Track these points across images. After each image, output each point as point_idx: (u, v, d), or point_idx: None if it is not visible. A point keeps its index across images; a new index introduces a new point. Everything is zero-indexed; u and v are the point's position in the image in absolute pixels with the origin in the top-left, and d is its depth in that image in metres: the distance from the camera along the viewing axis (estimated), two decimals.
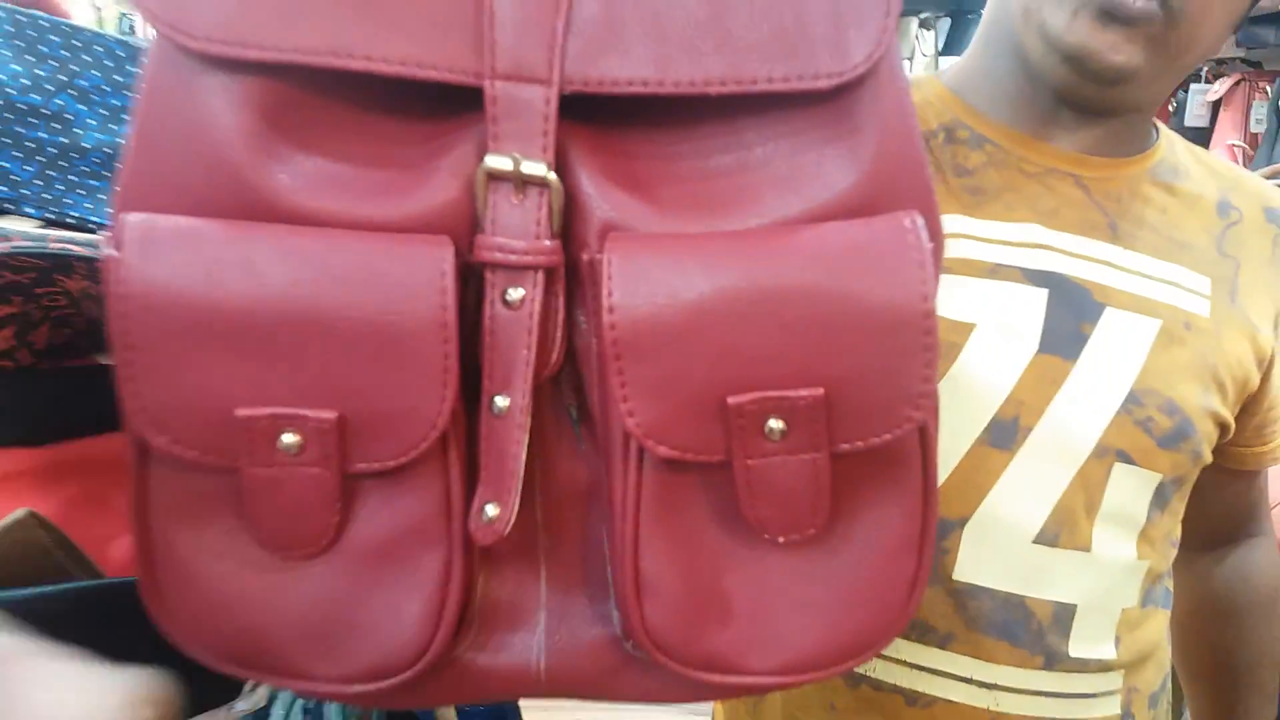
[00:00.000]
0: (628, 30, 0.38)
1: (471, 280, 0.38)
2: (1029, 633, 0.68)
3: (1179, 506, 0.74)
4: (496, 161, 0.37)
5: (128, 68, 0.78)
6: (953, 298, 0.68)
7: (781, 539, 0.41)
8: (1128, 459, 0.68)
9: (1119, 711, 0.71)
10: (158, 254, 0.36)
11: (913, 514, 0.42)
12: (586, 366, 0.40)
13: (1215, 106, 2.59)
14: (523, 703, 1.09)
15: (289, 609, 0.40)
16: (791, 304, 0.38)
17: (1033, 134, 0.72)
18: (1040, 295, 0.68)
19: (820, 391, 0.38)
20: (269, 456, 0.37)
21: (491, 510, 0.39)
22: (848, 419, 0.39)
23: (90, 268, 0.72)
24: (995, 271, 0.69)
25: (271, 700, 0.77)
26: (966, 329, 0.68)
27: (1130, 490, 0.69)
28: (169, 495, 0.39)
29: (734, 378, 0.38)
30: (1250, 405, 0.75)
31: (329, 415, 0.37)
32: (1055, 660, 0.69)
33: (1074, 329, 0.68)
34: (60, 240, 0.73)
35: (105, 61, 0.77)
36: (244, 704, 0.80)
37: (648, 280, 0.37)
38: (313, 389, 0.37)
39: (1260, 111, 2.44)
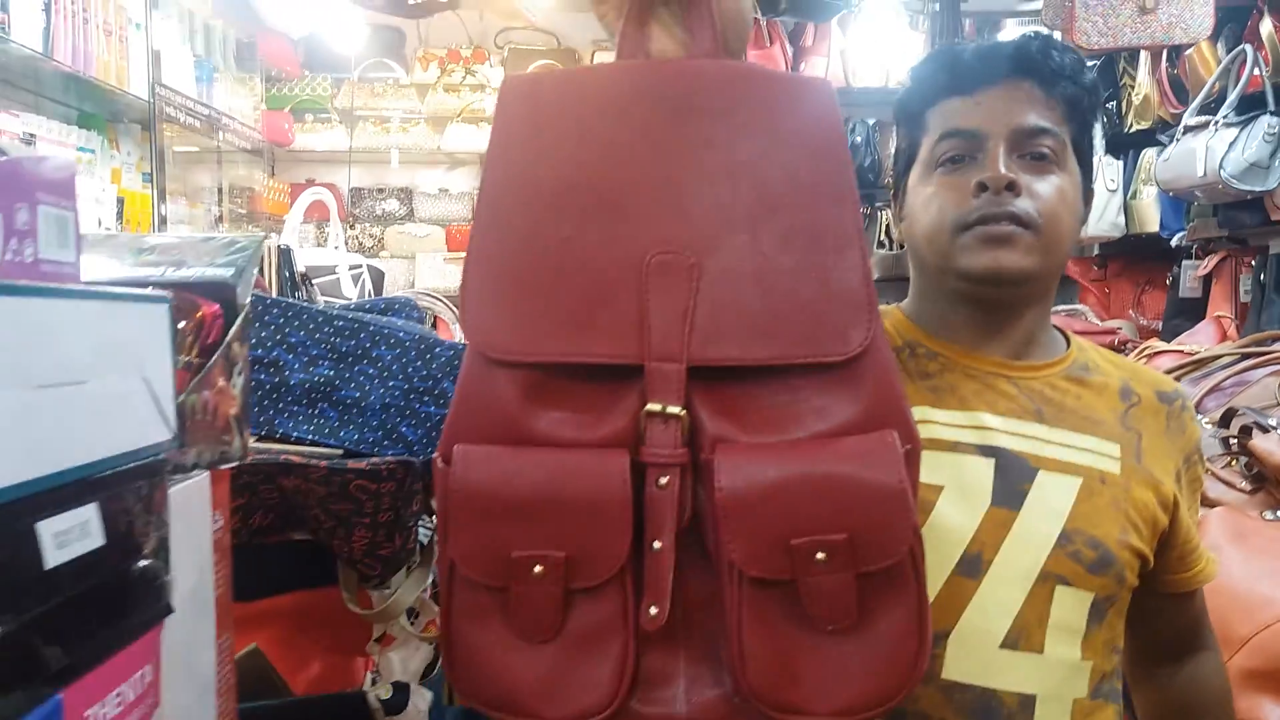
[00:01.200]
0: (724, 329, 0.67)
1: (638, 472, 0.67)
2: (1002, 718, 0.89)
3: (1116, 620, 0.96)
4: (653, 406, 0.67)
5: (325, 328, 1.10)
6: (926, 468, 0.94)
7: (829, 628, 0.66)
8: (1065, 582, 0.91)
9: None
10: (470, 466, 0.66)
11: (912, 611, 0.67)
12: (705, 521, 0.68)
13: (1207, 280, 2.86)
14: None
15: (531, 673, 0.66)
16: (825, 485, 0.65)
17: (969, 347, 0.99)
18: (989, 464, 0.93)
19: (845, 536, 0.65)
20: (527, 579, 0.65)
21: (653, 610, 0.66)
22: (863, 552, 0.65)
23: (303, 471, 1.01)
24: (955, 447, 0.94)
25: None
26: (937, 489, 0.92)
27: (1070, 606, 0.91)
28: (463, 601, 0.68)
29: (794, 528, 0.65)
30: (1168, 540, 0.98)
31: (561, 554, 0.65)
32: None
33: (1016, 488, 0.93)
34: (284, 452, 1.04)
35: (309, 324, 1.09)
36: None
37: (742, 472, 0.65)
38: (553, 539, 0.65)
39: (1247, 284, 2.69)
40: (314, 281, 2.05)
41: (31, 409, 0.43)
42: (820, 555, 0.64)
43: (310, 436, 1.10)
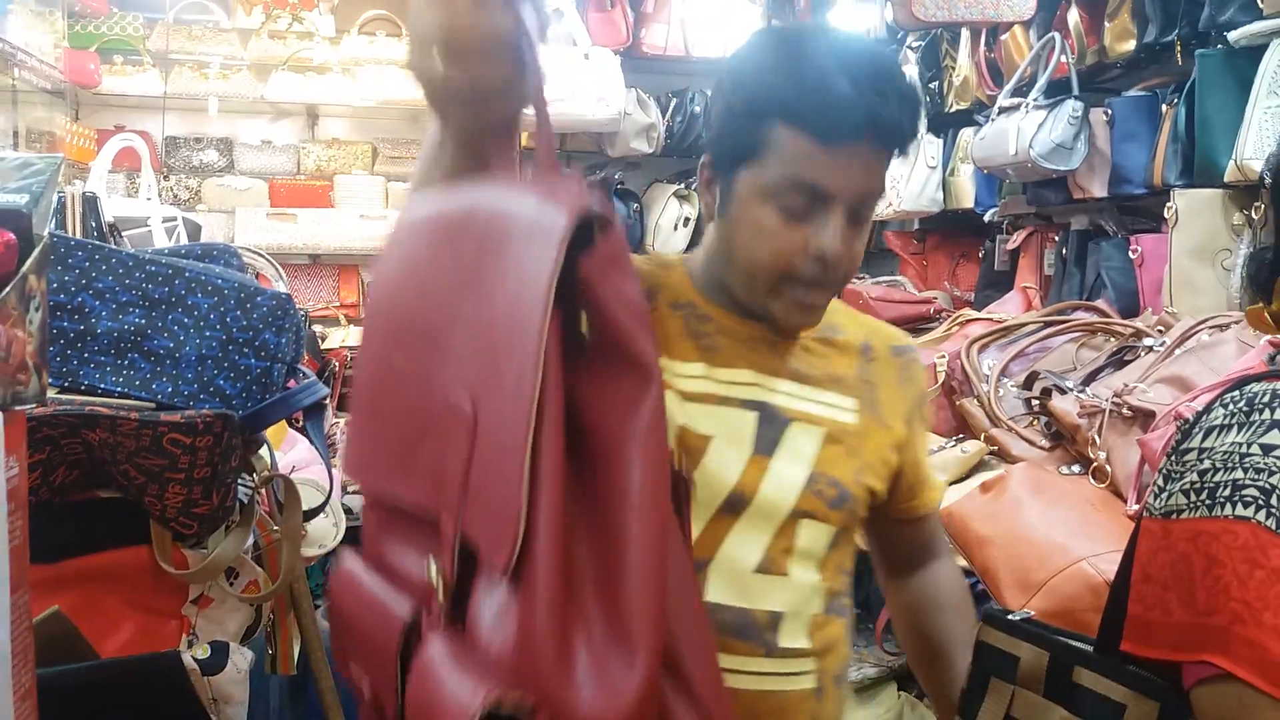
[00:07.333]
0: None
1: None
2: (754, 632, 1.02)
3: (846, 547, 1.11)
4: (431, 565, 0.65)
5: (136, 273, 1.03)
6: (699, 419, 1.04)
7: None
8: (811, 516, 1.05)
9: (814, 685, 1.07)
10: (338, 578, 0.75)
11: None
12: None
13: (1015, 254, 3.04)
14: None
15: None
16: None
17: (741, 320, 1.08)
18: (752, 416, 1.05)
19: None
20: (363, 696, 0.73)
21: None
22: None
23: (111, 423, 0.95)
24: (724, 401, 1.05)
25: None
26: (707, 439, 1.03)
27: (813, 537, 1.06)
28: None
29: None
30: (899, 475, 1.14)
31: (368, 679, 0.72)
32: (772, 650, 1.03)
33: (773, 437, 1.05)
34: (90, 404, 0.97)
35: (119, 268, 1.02)
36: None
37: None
38: (363, 665, 0.73)
39: (1051, 258, 2.88)
40: (124, 233, 1.93)
41: None
42: None
43: (119, 389, 1.03)
